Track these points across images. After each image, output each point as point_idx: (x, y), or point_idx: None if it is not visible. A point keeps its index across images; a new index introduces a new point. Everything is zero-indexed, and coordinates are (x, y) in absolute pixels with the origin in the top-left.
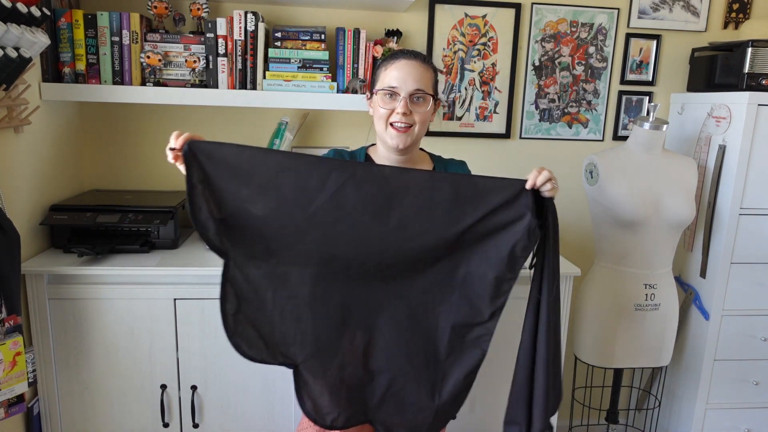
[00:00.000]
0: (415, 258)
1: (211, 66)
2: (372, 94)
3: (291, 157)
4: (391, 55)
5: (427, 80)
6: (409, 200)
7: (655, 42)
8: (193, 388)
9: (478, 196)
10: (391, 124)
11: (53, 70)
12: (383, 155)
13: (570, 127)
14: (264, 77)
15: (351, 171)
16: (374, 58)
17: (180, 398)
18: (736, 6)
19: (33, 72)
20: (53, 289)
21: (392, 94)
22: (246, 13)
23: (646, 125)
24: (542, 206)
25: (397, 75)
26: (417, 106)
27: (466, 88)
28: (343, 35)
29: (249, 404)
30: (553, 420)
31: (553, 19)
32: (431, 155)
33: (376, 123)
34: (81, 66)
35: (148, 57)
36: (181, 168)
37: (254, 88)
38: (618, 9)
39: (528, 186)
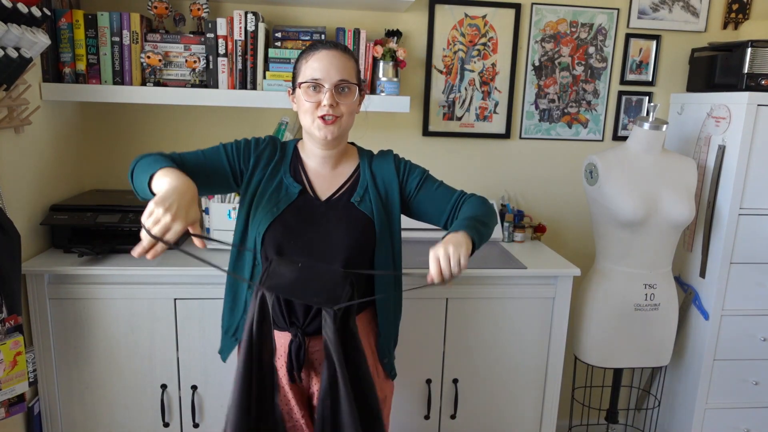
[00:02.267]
0: None
1: (211, 66)
2: (294, 88)
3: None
4: (310, 47)
5: (350, 70)
6: None
7: (654, 42)
8: (194, 387)
9: None
10: (319, 117)
11: (54, 70)
12: (311, 151)
13: (570, 127)
14: (264, 77)
15: None
16: (374, 58)
17: (180, 398)
18: (735, 6)
19: (33, 72)
20: (53, 289)
21: (316, 86)
22: (246, 13)
23: (646, 125)
24: None
25: (319, 66)
26: (343, 97)
27: (466, 89)
28: (343, 35)
29: None
30: (553, 420)
31: (553, 19)
32: (360, 150)
33: (301, 117)
34: (81, 66)
35: (149, 57)
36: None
37: (254, 88)
38: (618, 9)
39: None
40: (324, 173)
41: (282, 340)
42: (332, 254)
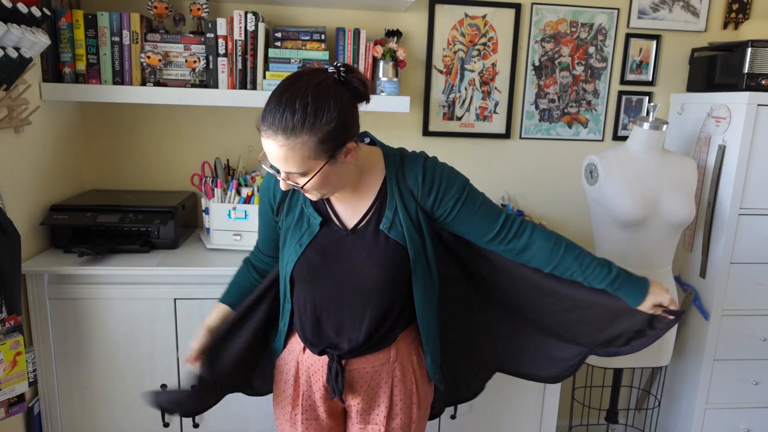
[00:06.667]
0: None
1: (211, 66)
2: None
3: None
4: (264, 110)
5: (297, 158)
6: None
7: (654, 42)
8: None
9: None
10: None
11: (53, 70)
12: None
13: (570, 127)
14: (264, 77)
15: None
16: (374, 58)
17: None
18: (735, 6)
19: (33, 72)
20: (53, 289)
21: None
22: (246, 13)
23: (646, 125)
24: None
25: (267, 150)
26: (300, 178)
27: (466, 88)
28: (343, 35)
29: (249, 404)
30: (553, 420)
31: (553, 19)
32: (386, 154)
33: None
34: (81, 66)
35: (149, 57)
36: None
37: (254, 88)
38: (618, 9)
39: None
40: (346, 196)
41: (319, 363)
42: (365, 293)
